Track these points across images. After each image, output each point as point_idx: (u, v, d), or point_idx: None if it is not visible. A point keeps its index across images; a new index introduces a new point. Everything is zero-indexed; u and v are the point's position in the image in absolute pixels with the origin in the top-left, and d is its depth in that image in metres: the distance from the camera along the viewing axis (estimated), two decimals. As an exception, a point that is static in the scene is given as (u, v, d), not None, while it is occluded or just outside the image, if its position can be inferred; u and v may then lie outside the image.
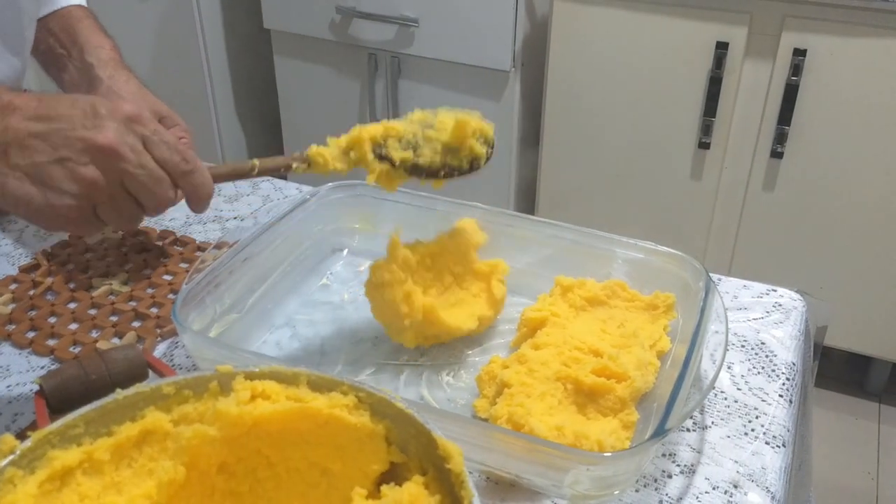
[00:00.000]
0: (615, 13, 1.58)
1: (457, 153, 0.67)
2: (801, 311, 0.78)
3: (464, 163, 0.67)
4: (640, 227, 1.76)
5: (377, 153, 0.66)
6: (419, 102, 1.94)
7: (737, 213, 1.67)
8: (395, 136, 0.66)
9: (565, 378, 0.63)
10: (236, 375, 0.48)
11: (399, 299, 0.67)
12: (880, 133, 1.48)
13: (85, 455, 0.46)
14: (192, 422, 0.48)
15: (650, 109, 1.64)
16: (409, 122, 0.68)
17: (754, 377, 0.69)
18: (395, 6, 1.74)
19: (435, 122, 0.67)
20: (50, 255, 0.85)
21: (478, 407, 0.64)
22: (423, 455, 0.47)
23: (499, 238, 0.79)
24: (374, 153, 0.66)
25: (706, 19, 1.51)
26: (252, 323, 0.74)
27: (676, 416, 0.56)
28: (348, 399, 0.48)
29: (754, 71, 1.53)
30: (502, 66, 1.70)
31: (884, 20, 1.40)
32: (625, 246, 0.75)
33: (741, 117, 1.58)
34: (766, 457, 0.61)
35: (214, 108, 2.10)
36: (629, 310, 0.72)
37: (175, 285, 0.80)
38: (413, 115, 0.68)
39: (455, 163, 0.67)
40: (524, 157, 1.86)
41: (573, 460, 0.54)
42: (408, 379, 0.69)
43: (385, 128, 0.66)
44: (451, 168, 0.67)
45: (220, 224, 0.92)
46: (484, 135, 0.67)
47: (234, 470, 0.48)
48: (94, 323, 0.75)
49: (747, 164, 1.61)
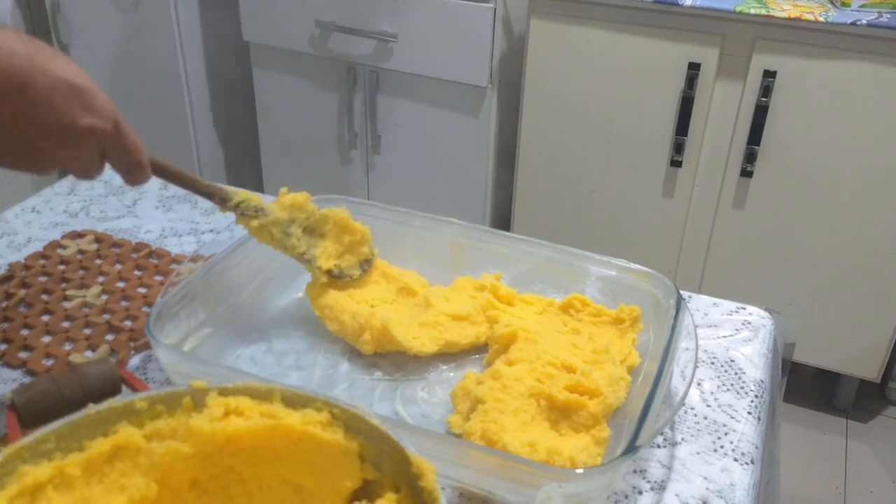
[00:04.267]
0: (591, 32, 1.60)
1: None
2: (770, 328, 0.79)
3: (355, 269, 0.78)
4: (613, 242, 1.78)
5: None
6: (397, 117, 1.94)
7: (707, 230, 1.70)
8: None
9: (539, 394, 0.63)
10: (210, 391, 0.48)
11: (336, 310, 0.74)
12: (848, 153, 1.52)
13: (56, 470, 0.45)
14: (164, 437, 0.48)
15: (624, 127, 1.66)
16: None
17: (723, 394, 0.71)
18: (375, 21, 1.75)
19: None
20: (24, 267, 0.84)
21: (452, 423, 0.65)
22: (396, 472, 0.47)
23: (474, 254, 0.80)
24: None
25: (679, 40, 1.54)
26: (227, 337, 0.74)
27: (647, 433, 0.57)
28: (322, 415, 0.48)
29: (725, 91, 1.56)
30: (479, 83, 1.72)
31: (851, 43, 1.43)
32: (597, 263, 0.77)
33: (712, 136, 1.61)
34: (735, 473, 0.63)
35: (192, 118, 2.09)
36: (596, 325, 0.73)
37: (150, 298, 0.80)
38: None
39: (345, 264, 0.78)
40: (500, 173, 1.88)
41: (545, 477, 0.54)
42: (382, 394, 0.69)
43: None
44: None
45: (195, 237, 0.91)
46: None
47: (207, 486, 0.48)
48: (68, 335, 0.75)
49: (718, 182, 1.64)
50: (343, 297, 0.75)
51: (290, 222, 0.74)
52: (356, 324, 0.72)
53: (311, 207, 0.75)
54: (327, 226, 0.76)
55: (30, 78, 0.54)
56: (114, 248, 0.88)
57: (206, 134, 2.14)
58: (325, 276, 0.75)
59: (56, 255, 0.86)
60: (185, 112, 2.07)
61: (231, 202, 0.71)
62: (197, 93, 2.06)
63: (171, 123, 2.06)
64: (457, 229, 0.81)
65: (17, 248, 0.88)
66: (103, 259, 0.86)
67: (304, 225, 0.75)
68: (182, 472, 0.47)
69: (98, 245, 0.88)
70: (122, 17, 1.99)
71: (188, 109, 2.07)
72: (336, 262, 0.76)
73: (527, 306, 0.76)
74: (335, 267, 0.76)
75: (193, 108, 2.08)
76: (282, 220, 0.73)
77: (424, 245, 0.82)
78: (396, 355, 0.72)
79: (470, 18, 1.67)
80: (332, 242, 0.76)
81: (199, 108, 2.09)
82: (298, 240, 0.74)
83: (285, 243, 0.74)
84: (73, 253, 0.86)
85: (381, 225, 0.81)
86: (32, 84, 0.54)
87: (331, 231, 0.76)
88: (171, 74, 2.01)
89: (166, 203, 0.98)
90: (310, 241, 0.75)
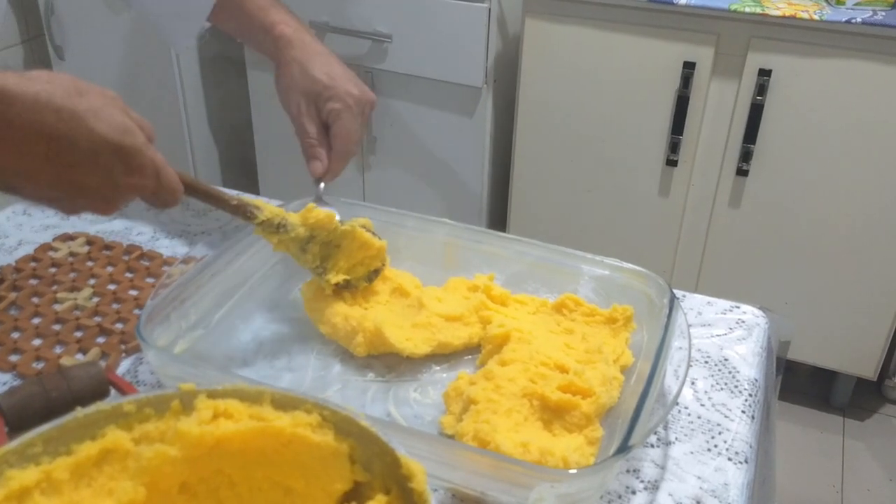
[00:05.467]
0: (586, 32, 1.60)
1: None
2: (764, 327, 0.79)
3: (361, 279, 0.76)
4: (609, 241, 1.78)
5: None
6: (392, 117, 1.94)
7: (703, 229, 1.70)
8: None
9: (531, 394, 0.63)
10: (198, 394, 0.48)
11: (328, 312, 0.73)
12: (843, 152, 1.52)
13: (43, 475, 0.45)
14: (153, 440, 0.47)
15: (619, 127, 1.66)
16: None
17: (717, 393, 0.70)
18: (369, 22, 1.75)
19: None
20: (15, 270, 0.83)
21: (444, 423, 0.64)
22: (386, 474, 0.47)
23: (467, 254, 0.80)
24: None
25: (674, 39, 1.54)
26: (218, 339, 0.73)
27: (640, 433, 0.56)
28: (312, 417, 0.48)
29: (720, 90, 1.56)
30: (475, 83, 1.71)
31: (846, 42, 1.43)
32: (591, 263, 0.76)
33: (708, 135, 1.61)
34: (729, 473, 0.62)
35: (187, 119, 2.08)
36: (590, 324, 0.73)
37: (141, 301, 0.80)
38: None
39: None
40: (496, 173, 1.88)
41: (538, 477, 0.54)
42: (375, 395, 0.69)
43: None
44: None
45: (187, 239, 0.91)
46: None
47: (196, 490, 0.48)
48: (59, 338, 0.74)
49: (714, 181, 1.64)
50: (336, 299, 0.75)
51: (309, 238, 0.73)
52: (349, 326, 0.72)
53: (334, 226, 0.74)
54: (346, 241, 0.75)
55: (71, 140, 0.50)
56: (105, 251, 0.87)
57: (201, 135, 2.13)
58: (331, 287, 0.74)
59: (47, 257, 0.86)
60: (180, 113, 2.07)
61: (255, 220, 0.70)
62: (192, 94, 2.06)
63: (166, 125, 2.05)
64: (450, 229, 0.81)
65: (9, 251, 0.87)
66: (94, 261, 0.85)
67: (324, 241, 0.74)
68: (171, 476, 0.47)
69: (89, 247, 0.88)
70: (117, 19, 1.99)
71: (183, 111, 2.07)
72: (346, 277, 0.75)
73: (520, 306, 0.76)
74: (343, 280, 0.75)
75: (188, 110, 2.07)
76: (302, 237, 0.73)
77: (417, 245, 0.81)
78: (389, 356, 0.72)
79: (464, 18, 1.66)
80: (345, 256, 0.75)
81: (194, 109, 2.09)
82: (314, 256, 0.74)
83: (300, 257, 0.73)
84: (64, 255, 0.86)
85: (375, 226, 0.81)
86: (73, 146, 0.50)
87: (348, 246, 0.75)
88: (166, 76, 2.01)
89: (159, 205, 0.97)
90: (325, 253, 0.74)
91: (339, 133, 0.80)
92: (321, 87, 0.80)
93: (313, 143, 0.80)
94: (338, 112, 0.80)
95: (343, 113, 0.80)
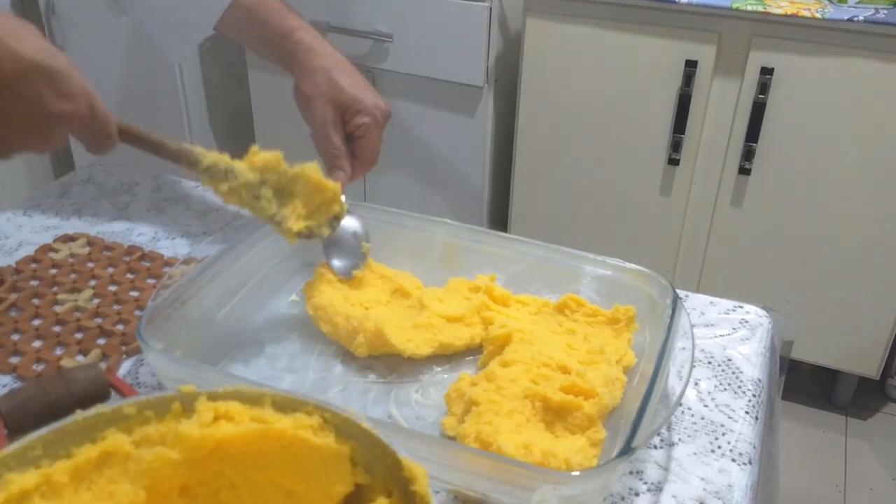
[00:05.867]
0: (587, 31, 1.60)
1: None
2: (767, 327, 0.79)
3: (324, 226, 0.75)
4: (611, 241, 1.77)
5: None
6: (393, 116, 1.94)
7: (706, 228, 1.70)
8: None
9: (533, 395, 0.63)
10: (199, 396, 0.48)
11: (330, 312, 0.72)
12: (845, 150, 1.51)
13: (43, 478, 0.45)
14: (153, 443, 0.47)
15: (621, 126, 1.66)
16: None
17: (721, 394, 0.70)
18: (370, 21, 1.74)
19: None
20: (15, 271, 0.83)
21: (446, 425, 0.64)
22: (388, 476, 0.46)
23: (468, 255, 0.79)
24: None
25: (676, 38, 1.54)
26: (219, 340, 0.73)
27: (643, 434, 0.56)
28: (313, 420, 0.47)
29: (722, 89, 1.56)
30: (476, 82, 1.71)
31: (848, 40, 1.43)
32: (593, 263, 0.76)
33: (710, 134, 1.60)
34: (733, 474, 0.62)
35: (188, 119, 2.08)
36: (592, 325, 0.72)
37: (142, 302, 0.79)
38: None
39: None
40: (497, 172, 1.87)
41: (540, 479, 0.54)
42: (376, 396, 0.69)
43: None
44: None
45: (188, 240, 0.91)
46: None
47: (196, 493, 0.48)
48: (59, 340, 0.74)
49: (716, 180, 1.64)
50: (337, 298, 0.74)
51: (260, 184, 0.71)
52: (350, 326, 0.71)
53: (283, 167, 0.72)
54: (298, 185, 0.73)
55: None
56: (106, 252, 0.87)
57: (201, 134, 2.13)
58: (294, 237, 0.73)
59: (47, 258, 0.85)
60: (181, 113, 2.07)
61: (200, 166, 0.68)
62: (192, 94, 2.06)
63: (167, 124, 2.05)
64: (450, 230, 0.80)
65: (9, 252, 0.87)
66: (95, 262, 0.85)
67: (275, 186, 0.72)
68: (171, 479, 0.47)
69: (90, 248, 0.87)
70: (117, 19, 1.98)
71: (184, 110, 2.07)
72: (306, 224, 0.74)
73: (522, 307, 0.76)
74: (305, 228, 0.73)
75: (189, 109, 2.07)
76: (252, 183, 0.70)
77: (418, 246, 0.81)
78: (390, 357, 0.72)
79: (466, 17, 1.66)
80: (301, 202, 0.73)
81: (195, 108, 2.09)
82: (269, 202, 0.71)
83: (254, 206, 0.71)
84: (64, 256, 0.86)
85: (374, 226, 0.80)
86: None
87: (301, 191, 0.73)
88: (167, 76, 2.01)
89: (159, 206, 0.97)
90: (279, 201, 0.73)
91: (368, 146, 0.81)
92: (350, 98, 0.80)
93: (338, 153, 0.80)
94: (367, 126, 0.80)
95: (372, 127, 0.80)
